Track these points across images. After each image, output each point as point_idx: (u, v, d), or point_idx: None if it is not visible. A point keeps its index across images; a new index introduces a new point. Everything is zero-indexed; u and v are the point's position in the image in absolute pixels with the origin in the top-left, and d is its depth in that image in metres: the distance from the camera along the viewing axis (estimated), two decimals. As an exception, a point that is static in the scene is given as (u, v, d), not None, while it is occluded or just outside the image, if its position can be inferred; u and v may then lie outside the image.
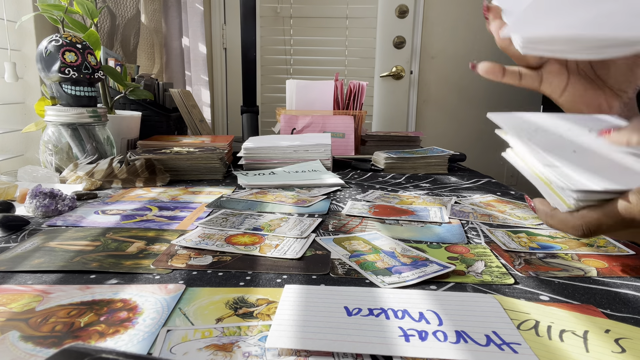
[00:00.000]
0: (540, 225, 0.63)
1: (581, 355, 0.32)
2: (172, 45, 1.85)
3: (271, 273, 0.45)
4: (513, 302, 0.39)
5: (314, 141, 1.04)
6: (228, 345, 0.32)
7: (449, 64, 2.35)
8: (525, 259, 0.50)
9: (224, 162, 0.95)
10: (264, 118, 2.16)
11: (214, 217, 0.63)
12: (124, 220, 0.62)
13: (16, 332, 0.33)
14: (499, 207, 0.73)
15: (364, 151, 1.25)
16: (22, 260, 0.46)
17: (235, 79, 2.34)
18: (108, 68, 1.05)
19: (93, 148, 0.86)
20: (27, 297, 0.39)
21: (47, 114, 0.84)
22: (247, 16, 1.39)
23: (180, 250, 0.50)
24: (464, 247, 0.54)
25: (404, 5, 2.26)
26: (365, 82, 1.24)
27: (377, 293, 0.40)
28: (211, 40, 2.31)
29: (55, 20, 0.94)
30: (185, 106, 1.27)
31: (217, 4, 2.29)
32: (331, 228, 0.60)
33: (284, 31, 2.30)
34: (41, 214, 0.62)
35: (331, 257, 0.50)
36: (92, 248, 0.51)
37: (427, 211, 0.69)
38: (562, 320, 0.36)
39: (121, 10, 1.42)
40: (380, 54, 2.31)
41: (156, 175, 0.85)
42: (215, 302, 0.38)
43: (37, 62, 0.84)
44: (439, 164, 1.06)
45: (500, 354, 0.31)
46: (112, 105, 1.04)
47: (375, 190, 0.84)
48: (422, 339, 0.33)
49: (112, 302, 0.38)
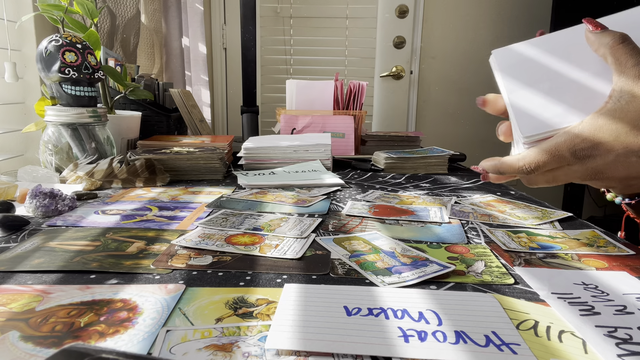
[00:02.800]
0: (540, 225, 0.63)
1: (580, 356, 0.32)
2: (172, 45, 1.85)
3: (271, 273, 0.45)
4: (513, 302, 0.39)
5: (314, 141, 1.04)
6: (228, 345, 0.32)
7: (449, 64, 2.35)
8: (525, 259, 0.50)
9: (224, 162, 0.95)
10: (264, 118, 2.16)
11: (214, 217, 0.63)
12: (124, 220, 0.62)
13: (16, 332, 0.33)
14: (499, 207, 0.73)
15: (364, 151, 1.25)
16: (22, 260, 0.46)
17: (235, 79, 2.34)
18: (108, 68, 1.05)
19: (93, 148, 0.86)
20: (27, 297, 0.39)
21: (47, 114, 0.84)
22: (247, 16, 1.39)
23: (180, 250, 0.50)
24: (464, 247, 0.54)
25: (404, 5, 2.26)
26: (365, 82, 1.24)
27: (377, 293, 0.40)
28: (211, 40, 2.31)
29: (55, 20, 0.94)
30: (185, 106, 1.27)
31: (217, 4, 2.29)
32: (331, 228, 0.60)
33: (284, 31, 2.30)
34: (41, 214, 0.62)
35: (331, 257, 0.50)
36: (92, 248, 0.51)
37: (427, 211, 0.69)
38: (562, 320, 0.36)
39: (121, 10, 1.42)
40: (380, 54, 2.31)
41: (156, 175, 0.85)
42: (215, 302, 0.38)
43: (37, 62, 0.84)
44: (439, 164, 1.06)
45: (500, 355, 0.31)
46: (112, 105, 1.04)
47: (375, 190, 0.84)
48: (421, 340, 0.33)
49: (112, 302, 0.38)
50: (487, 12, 2.30)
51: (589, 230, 0.61)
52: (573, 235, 0.59)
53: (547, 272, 0.46)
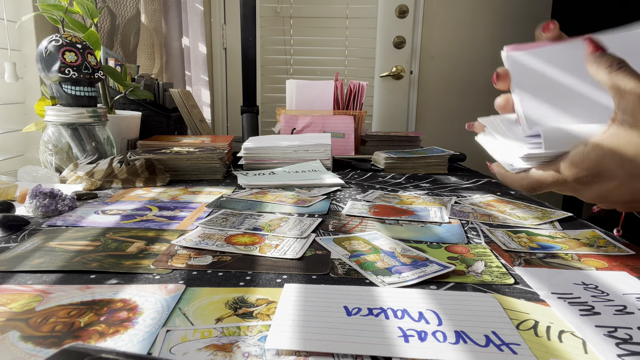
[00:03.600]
0: (540, 225, 0.63)
1: (580, 356, 0.32)
2: (172, 45, 1.85)
3: (271, 273, 0.45)
4: (513, 302, 0.39)
5: (314, 141, 1.04)
6: (228, 345, 0.32)
7: (449, 64, 2.35)
8: (525, 259, 0.50)
9: (224, 162, 0.95)
10: (264, 118, 2.16)
11: (214, 217, 0.63)
12: (124, 220, 0.62)
13: (16, 332, 0.33)
14: (499, 207, 0.73)
15: (364, 151, 1.25)
16: (22, 260, 0.46)
17: (235, 79, 2.34)
18: (108, 68, 1.05)
19: (93, 148, 0.86)
20: (27, 297, 0.39)
21: (47, 114, 0.84)
22: (247, 16, 1.39)
23: (180, 250, 0.50)
24: (464, 247, 0.54)
25: (404, 5, 2.26)
26: (365, 82, 1.24)
27: (377, 293, 0.40)
28: (211, 40, 2.31)
29: (55, 20, 0.94)
30: (185, 106, 1.27)
31: (217, 4, 2.29)
32: (331, 228, 0.60)
33: (284, 31, 2.30)
34: (41, 214, 0.62)
35: (331, 257, 0.50)
36: (92, 248, 0.51)
37: (427, 211, 0.69)
38: (562, 320, 0.36)
39: (121, 10, 1.42)
40: (380, 54, 2.31)
41: (156, 175, 0.85)
42: (215, 302, 0.38)
43: (37, 62, 0.84)
44: (439, 164, 1.06)
45: (500, 355, 0.31)
46: (112, 105, 1.04)
47: (375, 190, 0.84)
48: (421, 340, 0.33)
49: (112, 302, 0.38)
50: (487, 12, 2.30)
51: (589, 230, 0.61)
52: (573, 235, 0.59)
53: (547, 272, 0.46)
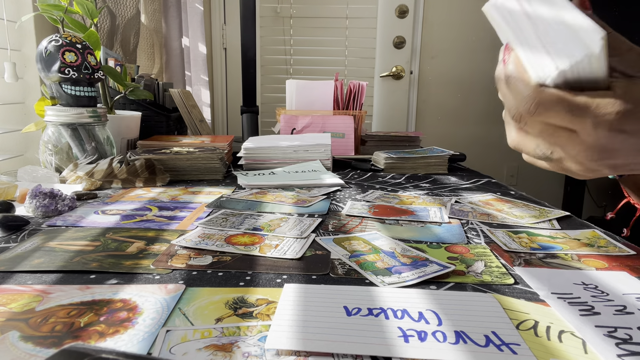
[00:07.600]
0: (537, 224, 0.63)
1: (580, 356, 0.32)
2: (172, 45, 1.85)
3: (271, 273, 0.45)
4: (512, 302, 0.39)
5: (314, 141, 1.04)
6: (227, 345, 0.32)
7: (449, 64, 2.35)
8: (525, 259, 0.50)
9: (224, 162, 0.95)
10: (264, 118, 2.16)
11: (214, 217, 0.63)
12: (123, 220, 0.62)
13: (16, 332, 0.33)
14: (497, 205, 0.73)
15: (364, 151, 1.25)
16: (22, 260, 0.46)
17: (235, 79, 2.34)
18: (108, 68, 1.05)
19: (93, 148, 0.86)
20: (27, 297, 0.39)
21: (47, 114, 0.84)
22: (247, 16, 1.39)
23: (180, 250, 0.50)
24: (463, 247, 0.54)
25: (404, 5, 2.25)
26: (365, 82, 1.24)
27: (377, 293, 0.40)
28: (211, 40, 2.31)
29: (55, 20, 0.94)
30: (185, 106, 1.27)
31: (217, 4, 2.29)
32: (331, 228, 0.60)
33: (284, 31, 2.30)
34: (41, 214, 0.62)
35: (331, 257, 0.50)
36: (92, 248, 0.51)
37: (426, 211, 0.69)
38: (562, 320, 0.36)
39: (121, 10, 1.42)
40: (380, 54, 2.31)
41: (156, 175, 0.85)
42: (214, 302, 0.38)
43: (37, 62, 0.84)
44: (439, 164, 1.06)
45: (500, 355, 0.31)
46: (112, 105, 1.04)
47: (375, 191, 0.84)
48: (421, 340, 0.33)
49: (112, 302, 0.38)
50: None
51: (589, 230, 0.61)
52: (573, 236, 0.59)
53: (547, 272, 0.46)
